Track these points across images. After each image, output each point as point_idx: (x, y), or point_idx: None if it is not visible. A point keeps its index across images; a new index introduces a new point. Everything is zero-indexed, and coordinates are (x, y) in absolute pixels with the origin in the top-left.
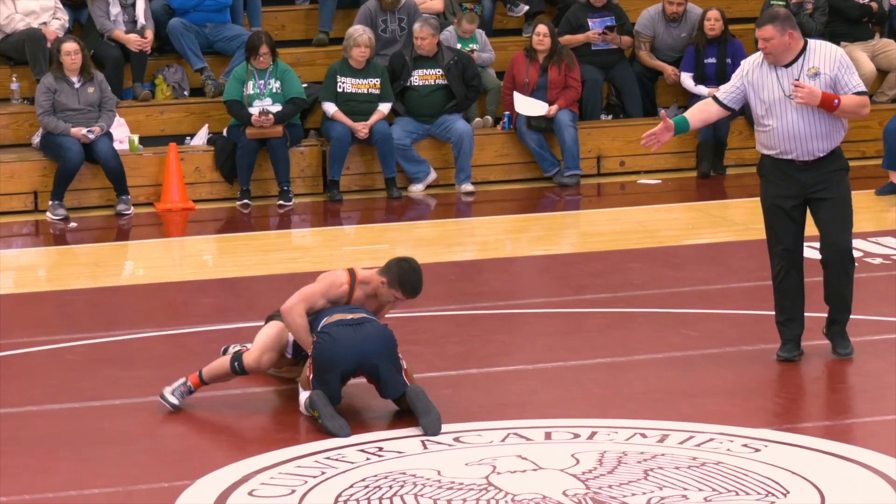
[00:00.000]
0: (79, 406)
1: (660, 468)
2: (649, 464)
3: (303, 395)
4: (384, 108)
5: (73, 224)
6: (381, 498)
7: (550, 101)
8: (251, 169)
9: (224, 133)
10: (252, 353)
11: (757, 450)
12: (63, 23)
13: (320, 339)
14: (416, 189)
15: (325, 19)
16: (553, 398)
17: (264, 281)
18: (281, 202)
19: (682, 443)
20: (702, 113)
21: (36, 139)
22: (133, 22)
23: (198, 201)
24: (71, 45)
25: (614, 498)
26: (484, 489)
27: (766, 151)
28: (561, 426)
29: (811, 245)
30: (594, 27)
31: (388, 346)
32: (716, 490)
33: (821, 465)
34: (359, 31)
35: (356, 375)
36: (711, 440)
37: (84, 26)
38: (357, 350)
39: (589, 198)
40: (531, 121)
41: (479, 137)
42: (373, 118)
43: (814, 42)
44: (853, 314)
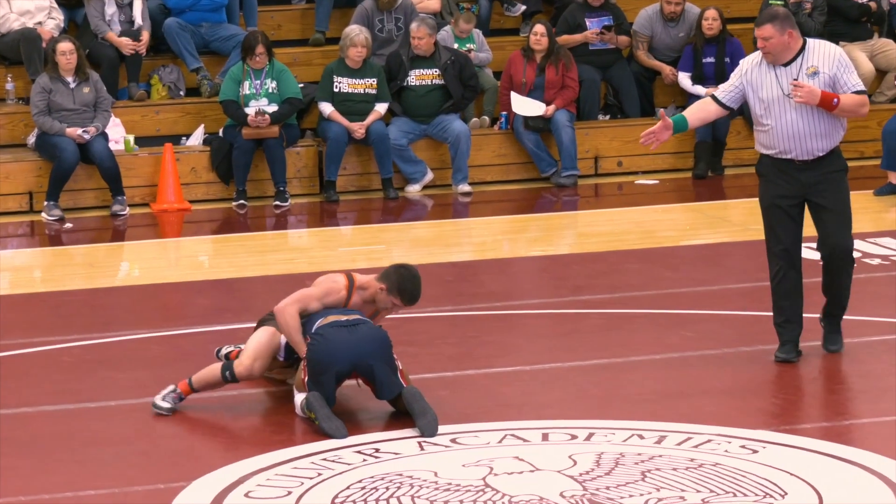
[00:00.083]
0: (74, 407)
1: (657, 469)
2: (647, 465)
3: (298, 397)
4: (381, 108)
5: (69, 225)
6: (377, 499)
7: (548, 101)
8: (247, 169)
9: (220, 133)
10: (243, 362)
11: (755, 451)
12: (58, 22)
13: (314, 341)
14: (413, 189)
15: (322, 19)
16: (550, 399)
17: (261, 282)
18: (277, 203)
19: (679, 444)
20: (700, 112)
21: (31, 139)
22: (130, 22)
23: (194, 202)
24: (66, 45)
25: (611, 499)
26: (481, 490)
27: (765, 151)
28: (558, 427)
29: (809, 246)
30: (592, 27)
31: (383, 347)
32: (713, 491)
33: (819, 467)
34: (355, 31)
35: (351, 377)
36: (709, 441)
37: (80, 26)
38: (352, 351)
39: (586, 198)
40: (528, 121)
41: (476, 138)
42: (369, 118)
43: (813, 41)
44: (852, 315)
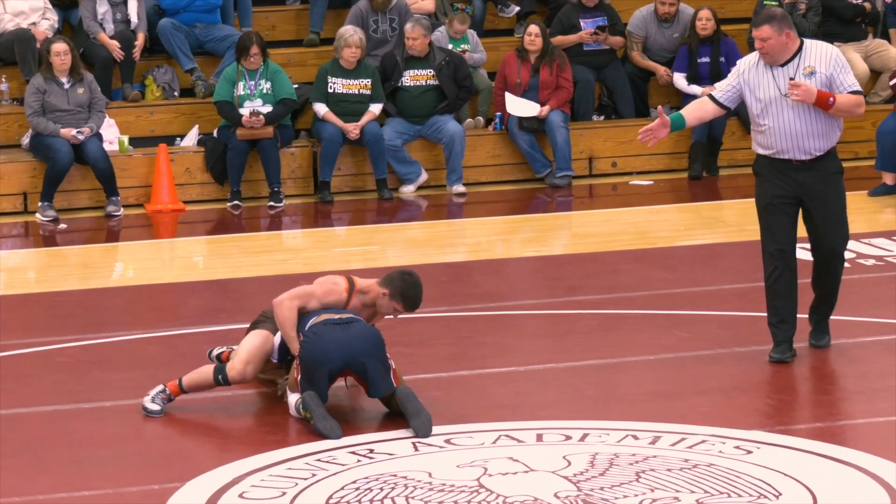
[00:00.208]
0: (69, 408)
1: (652, 470)
2: (641, 465)
3: (292, 397)
4: (375, 108)
5: (63, 225)
6: (371, 500)
7: (542, 102)
8: (242, 170)
9: (214, 134)
10: (235, 366)
11: (749, 451)
12: (52, 23)
13: (307, 339)
14: (408, 190)
15: (316, 19)
16: (545, 400)
17: (255, 282)
18: (271, 203)
19: (674, 444)
20: (698, 111)
21: (25, 140)
22: (126, 21)
23: (188, 202)
24: (60, 46)
25: (606, 500)
26: (475, 491)
27: (762, 151)
28: (553, 428)
29: (803, 246)
30: (586, 27)
31: (376, 345)
32: (708, 492)
33: (813, 467)
34: (350, 32)
35: (344, 375)
36: (703, 442)
37: (74, 27)
38: (344, 349)
39: (581, 199)
40: (523, 122)
41: (470, 138)
42: (364, 119)
43: (810, 42)
44: (846, 315)
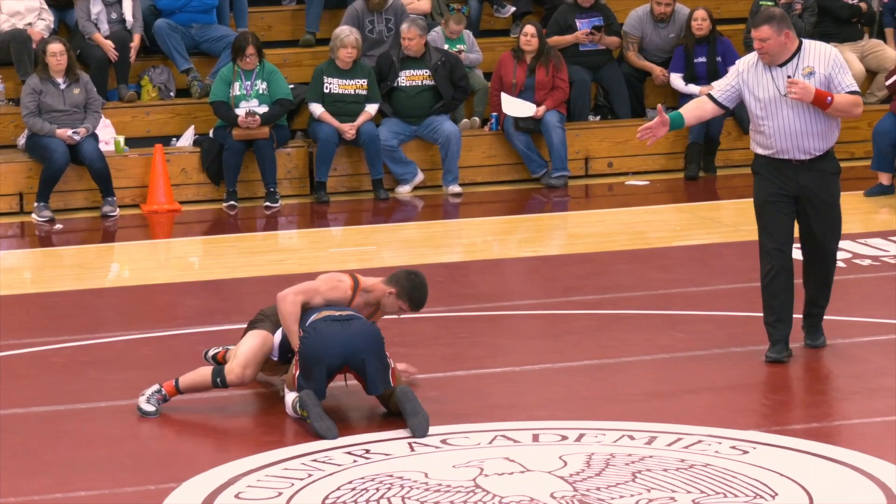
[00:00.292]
0: (64, 408)
1: (648, 470)
2: (637, 466)
3: (289, 395)
4: (371, 108)
5: (59, 226)
6: (367, 500)
7: (538, 102)
8: (237, 170)
9: (210, 134)
10: (234, 370)
11: (745, 452)
12: (48, 23)
13: (307, 334)
14: (404, 190)
15: (312, 20)
16: (541, 400)
17: (251, 283)
18: (267, 204)
19: (670, 445)
20: (697, 110)
21: (21, 140)
22: (121, 21)
23: (184, 203)
24: (56, 46)
25: (602, 500)
26: (471, 491)
27: (761, 151)
28: (549, 428)
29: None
30: (582, 27)
31: (376, 343)
32: (704, 492)
33: (809, 467)
34: (345, 32)
35: (343, 371)
36: (699, 442)
37: (70, 27)
38: (344, 345)
39: (577, 199)
40: (519, 122)
41: (466, 138)
42: (360, 119)
43: (808, 42)
44: (842, 315)
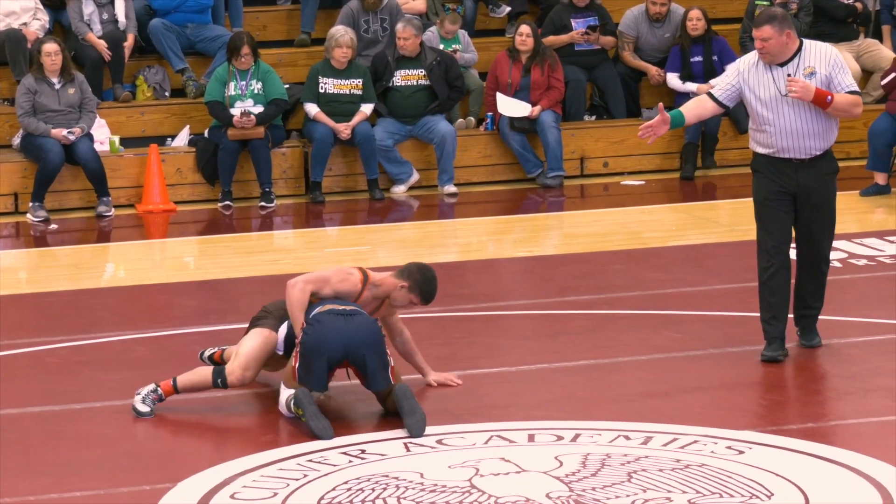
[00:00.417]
0: (59, 409)
1: (643, 470)
2: (633, 466)
3: (284, 393)
4: (366, 108)
5: (54, 226)
6: (363, 500)
7: (533, 102)
8: (233, 170)
9: (205, 134)
10: (235, 372)
11: (741, 452)
12: (43, 23)
13: (310, 326)
14: (399, 190)
15: (307, 20)
16: (536, 400)
17: (246, 283)
18: (263, 204)
19: (665, 445)
20: (697, 108)
21: (16, 140)
22: (114, 21)
23: (179, 203)
24: (51, 46)
25: (598, 500)
26: (467, 492)
27: (761, 150)
28: (544, 428)
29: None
30: (577, 27)
31: (377, 339)
32: (700, 492)
33: (805, 468)
34: (340, 32)
35: (343, 365)
36: (695, 442)
37: (65, 27)
38: (346, 339)
39: (572, 199)
40: (514, 122)
41: (461, 138)
42: (355, 119)
43: (808, 42)
44: (838, 315)
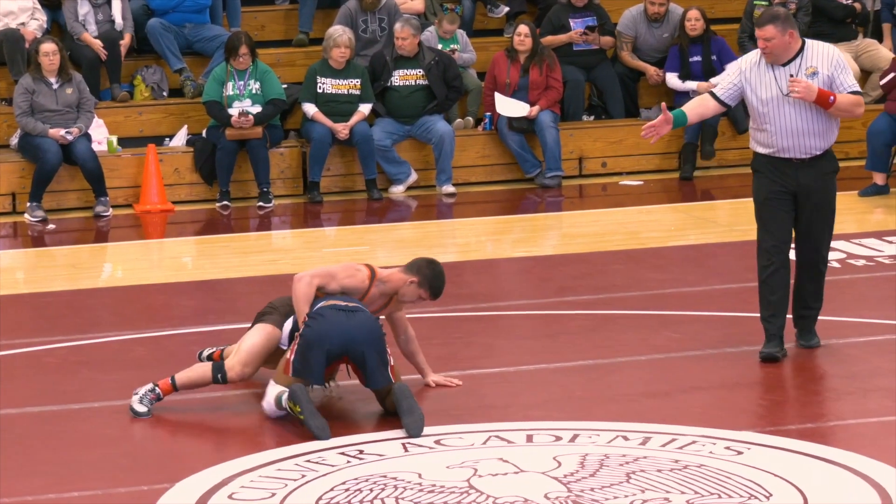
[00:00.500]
0: (57, 409)
1: (642, 471)
2: (631, 466)
3: (273, 389)
4: (364, 108)
5: (52, 226)
6: (361, 501)
7: (532, 102)
8: (231, 170)
9: (203, 134)
10: (235, 367)
11: (739, 452)
12: (41, 23)
13: (312, 319)
14: (397, 190)
15: (305, 19)
16: (535, 400)
17: (244, 283)
18: (261, 204)
19: (664, 445)
20: (699, 108)
21: (14, 140)
22: (110, 21)
23: (177, 203)
24: (49, 46)
25: (596, 501)
26: (465, 492)
27: (762, 150)
28: (543, 429)
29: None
30: (575, 27)
31: (377, 337)
32: (698, 493)
33: (804, 468)
34: (339, 32)
35: (341, 361)
36: (694, 443)
37: (62, 27)
38: (347, 334)
39: (571, 199)
40: (512, 122)
41: (460, 138)
42: (353, 119)
43: (811, 42)
44: (836, 316)
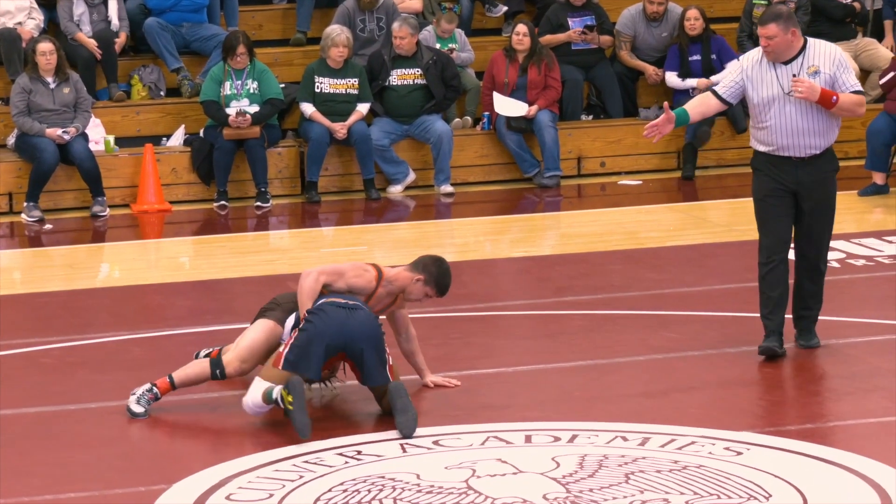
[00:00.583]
0: (54, 409)
1: (641, 472)
2: (630, 467)
3: (259, 385)
4: (362, 108)
5: (49, 226)
6: (359, 502)
7: (530, 102)
8: (228, 170)
9: (201, 134)
10: (233, 363)
11: (739, 453)
12: (38, 23)
13: (313, 314)
14: (395, 190)
15: (303, 19)
16: (533, 401)
17: (241, 283)
18: (258, 203)
19: (663, 446)
20: (701, 106)
21: (11, 140)
22: (106, 21)
23: (174, 203)
24: (46, 46)
25: (595, 502)
26: (464, 493)
27: (762, 148)
28: (541, 429)
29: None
30: (574, 26)
31: (377, 335)
32: (697, 494)
33: (803, 469)
34: (337, 31)
35: (338, 358)
36: (693, 443)
37: (59, 26)
38: (347, 330)
39: (569, 199)
40: (511, 121)
41: (458, 138)
42: (351, 118)
43: (813, 40)
44: (836, 316)
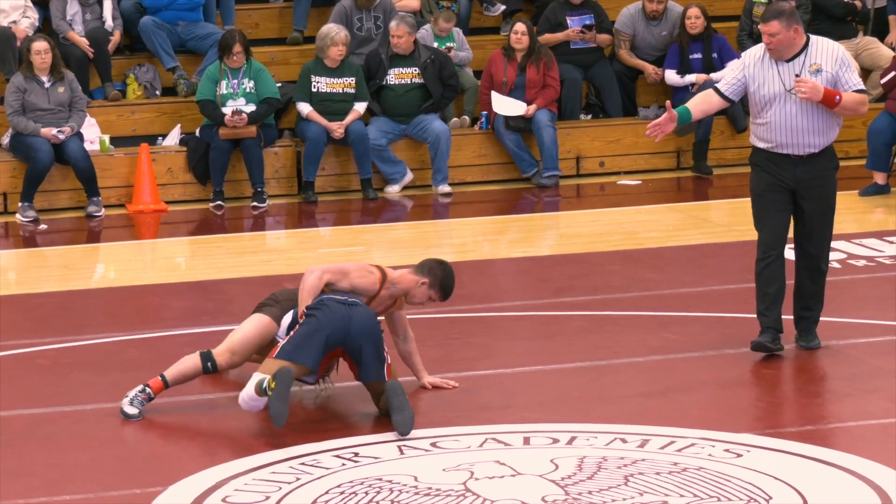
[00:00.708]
0: (50, 411)
1: (640, 474)
2: (629, 469)
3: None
4: (360, 107)
5: (44, 226)
6: None
7: (529, 101)
8: (224, 170)
9: (197, 133)
10: (223, 354)
11: (739, 455)
12: (33, 21)
13: (314, 308)
14: (393, 190)
15: (300, 17)
16: (532, 402)
17: (238, 283)
18: (255, 203)
19: (662, 448)
20: (703, 104)
21: (5, 140)
22: (99, 20)
23: (170, 203)
24: (41, 45)
25: None
26: (462, 495)
27: (761, 145)
28: (540, 431)
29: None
30: (573, 25)
31: (376, 332)
32: (697, 496)
33: (803, 470)
34: (334, 30)
35: (337, 353)
36: (693, 445)
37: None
38: (347, 325)
39: (568, 199)
40: (509, 121)
41: (456, 138)
42: (348, 118)
43: (815, 38)
44: (836, 317)
